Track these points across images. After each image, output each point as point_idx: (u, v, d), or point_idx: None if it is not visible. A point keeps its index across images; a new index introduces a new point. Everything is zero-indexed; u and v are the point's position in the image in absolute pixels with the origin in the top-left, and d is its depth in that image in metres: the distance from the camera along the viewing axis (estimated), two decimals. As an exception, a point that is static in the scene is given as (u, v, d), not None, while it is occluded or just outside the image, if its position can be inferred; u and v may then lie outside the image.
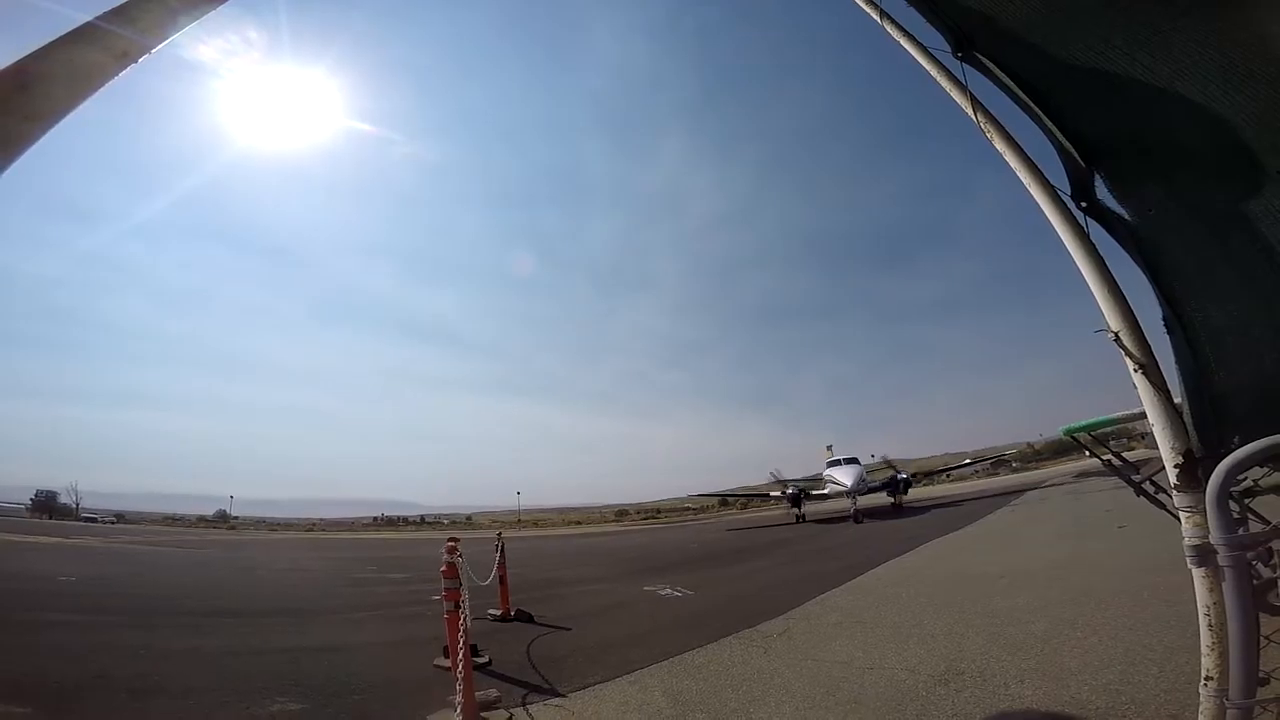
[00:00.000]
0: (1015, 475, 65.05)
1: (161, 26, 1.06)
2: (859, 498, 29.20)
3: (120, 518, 71.73)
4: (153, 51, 1.07)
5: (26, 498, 73.31)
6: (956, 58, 2.77)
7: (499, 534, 9.62)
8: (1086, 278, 2.40)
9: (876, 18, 3.13)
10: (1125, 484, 4.67)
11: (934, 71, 2.86)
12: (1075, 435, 4.25)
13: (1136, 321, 2.30)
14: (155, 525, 64.54)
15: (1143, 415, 2.34)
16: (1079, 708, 3.66)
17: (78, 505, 72.52)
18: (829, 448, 33.55)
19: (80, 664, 5.41)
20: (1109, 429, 4.30)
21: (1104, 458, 4.45)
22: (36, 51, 0.94)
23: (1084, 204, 2.55)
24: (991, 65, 2.67)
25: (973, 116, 2.68)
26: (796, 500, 33.50)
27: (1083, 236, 2.44)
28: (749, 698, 4.44)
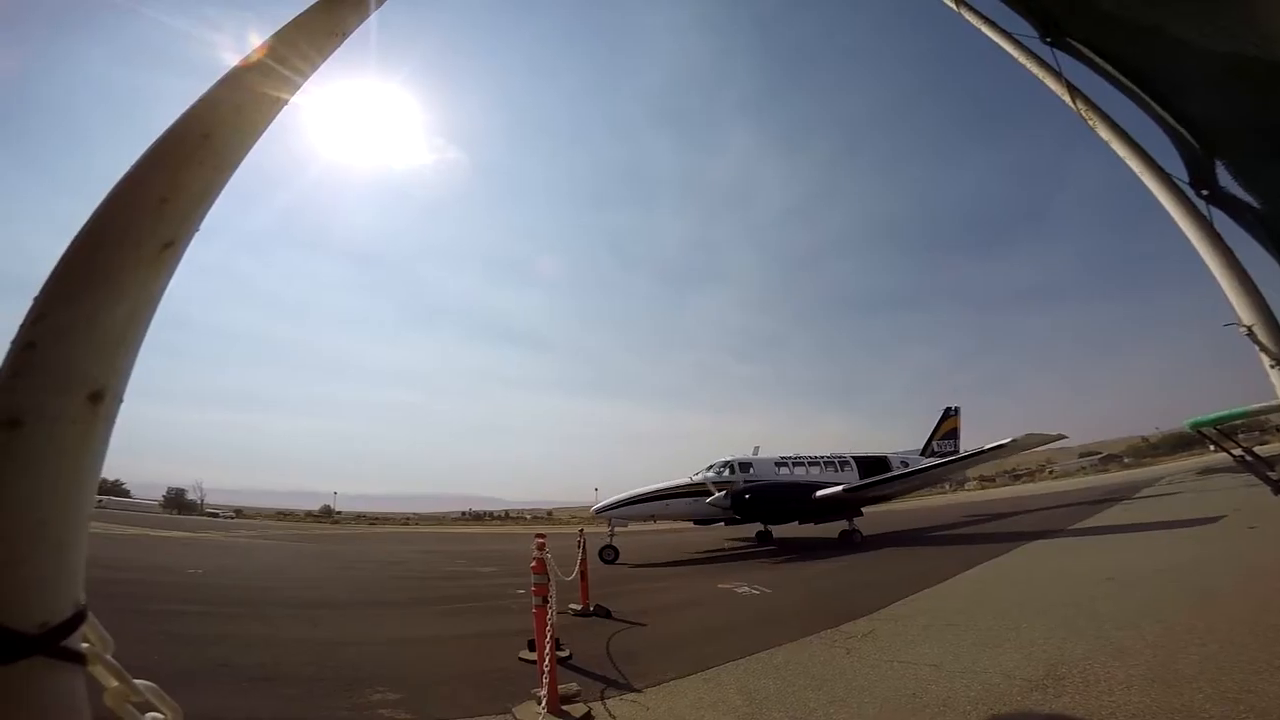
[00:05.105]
0: (1126, 472, 59.71)
1: (314, 55, 1.04)
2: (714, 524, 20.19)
3: (239, 513, 78.45)
4: (306, 83, 1.03)
5: (158, 494, 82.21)
6: (1046, 43, 2.58)
7: (581, 530, 9.76)
8: (1213, 269, 2.18)
9: (953, 5, 2.95)
10: (1260, 481, 4.26)
11: (1023, 58, 2.66)
12: (1202, 429, 3.92)
13: (1272, 313, 2.06)
14: (268, 520, 70.32)
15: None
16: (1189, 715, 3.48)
17: (202, 501, 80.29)
18: (755, 449, 20.83)
19: (205, 652, 5.94)
20: (1239, 422, 3.94)
21: (1235, 453, 4.11)
22: (208, 95, 0.92)
23: (1205, 192, 2.31)
24: (1086, 50, 2.45)
25: (1071, 104, 2.46)
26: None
27: (1206, 226, 2.22)
28: (830, 698, 4.34)
